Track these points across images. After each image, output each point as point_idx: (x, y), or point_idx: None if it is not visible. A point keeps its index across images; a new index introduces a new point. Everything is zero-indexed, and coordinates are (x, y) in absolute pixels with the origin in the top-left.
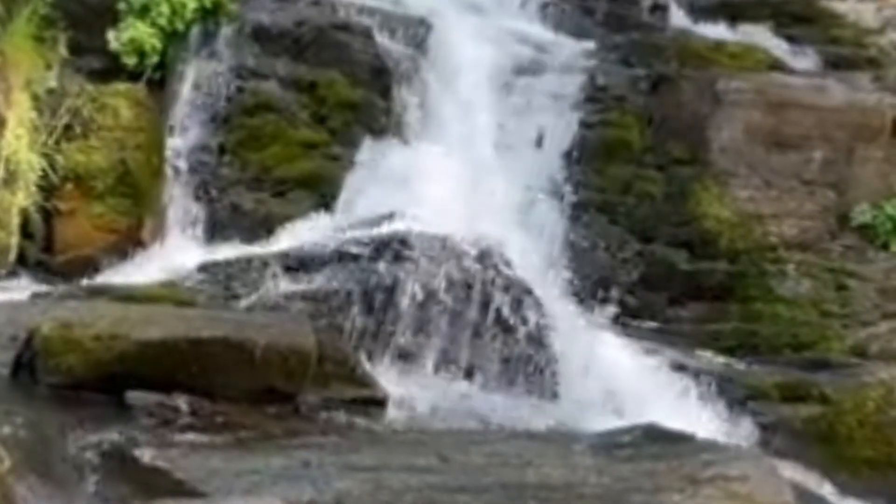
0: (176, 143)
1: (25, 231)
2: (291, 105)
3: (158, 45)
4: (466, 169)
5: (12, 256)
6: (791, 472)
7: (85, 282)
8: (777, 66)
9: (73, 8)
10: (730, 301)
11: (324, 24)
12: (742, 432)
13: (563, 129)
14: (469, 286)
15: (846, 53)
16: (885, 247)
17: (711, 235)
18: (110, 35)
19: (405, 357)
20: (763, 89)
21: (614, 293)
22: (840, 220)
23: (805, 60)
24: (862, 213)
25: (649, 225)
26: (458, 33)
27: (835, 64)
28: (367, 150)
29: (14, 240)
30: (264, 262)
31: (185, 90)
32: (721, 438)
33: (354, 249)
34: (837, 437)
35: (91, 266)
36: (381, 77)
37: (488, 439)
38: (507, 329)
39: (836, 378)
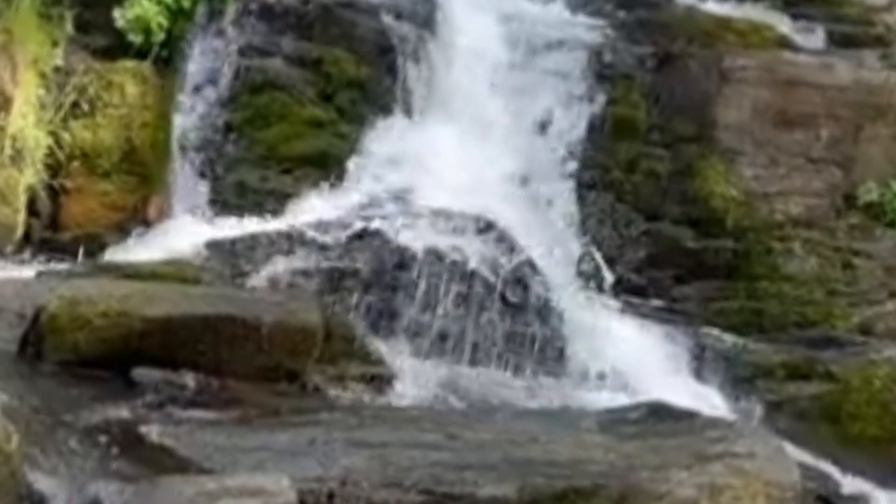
0: (182, 121)
1: (32, 209)
2: (298, 83)
3: (165, 22)
4: (473, 146)
5: (19, 234)
6: (797, 450)
7: (91, 259)
8: (784, 43)
9: None
10: (736, 279)
11: (329, 1)
12: (748, 410)
13: (569, 106)
14: (476, 264)
15: (853, 31)
16: (892, 225)
17: (717, 213)
18: (116, 13)
19: (412, 334)
20: (770, 67)
21: (620, 271)
22: (847, 199)
23: (812, 38)
24: (869, 192)
25: (655, 203)
26: (465, 10)
27: (842, 42)
28: (374, 128)
29: (21, 217)
30: (271, 240)
31: (192, 68)
32: (727, 416)
33: (360, 227)
34: (844, 416)
35: (97, 244)
36: (387, 55)
37: (495, 416)
38: (514, 307)
39: (842, 356)
